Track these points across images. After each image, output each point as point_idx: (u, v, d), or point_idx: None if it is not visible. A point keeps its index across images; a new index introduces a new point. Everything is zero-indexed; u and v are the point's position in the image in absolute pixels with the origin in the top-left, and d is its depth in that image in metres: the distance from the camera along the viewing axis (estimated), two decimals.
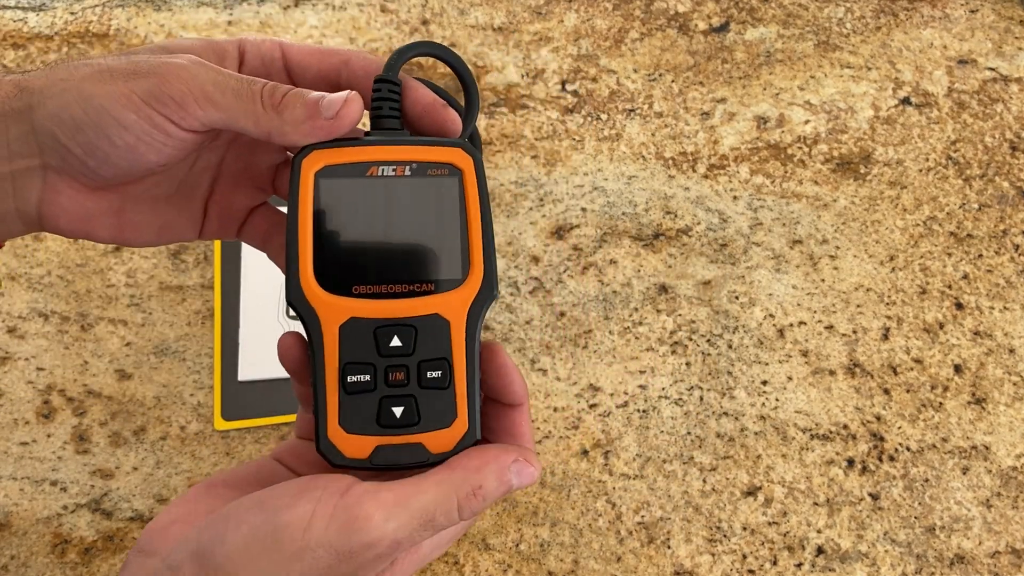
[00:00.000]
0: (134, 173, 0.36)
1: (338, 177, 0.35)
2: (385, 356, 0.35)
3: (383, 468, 0.35)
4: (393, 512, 0.33)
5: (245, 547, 0.33)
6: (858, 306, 0.68)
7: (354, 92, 0.35)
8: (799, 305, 0.68)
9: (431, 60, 0.78)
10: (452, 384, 0.36)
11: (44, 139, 0.34)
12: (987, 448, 0.62)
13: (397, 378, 0.35)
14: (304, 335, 0.36)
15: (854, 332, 0.67)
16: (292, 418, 0.62)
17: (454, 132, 0.37)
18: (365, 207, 0.35)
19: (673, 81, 0.78)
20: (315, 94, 0.35)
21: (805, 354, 0.66)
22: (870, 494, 0.61)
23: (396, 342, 0.35)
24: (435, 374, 0.35)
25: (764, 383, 0.65)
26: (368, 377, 0.35)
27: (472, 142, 0.41)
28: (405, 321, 0.35)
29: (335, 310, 0.34)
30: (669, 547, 0.59)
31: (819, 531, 0.59)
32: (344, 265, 0.35)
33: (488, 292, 0.36)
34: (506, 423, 0.39)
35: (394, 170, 0.35)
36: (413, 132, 0.38)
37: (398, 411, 0.35)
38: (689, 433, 0.63)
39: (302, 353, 0.36)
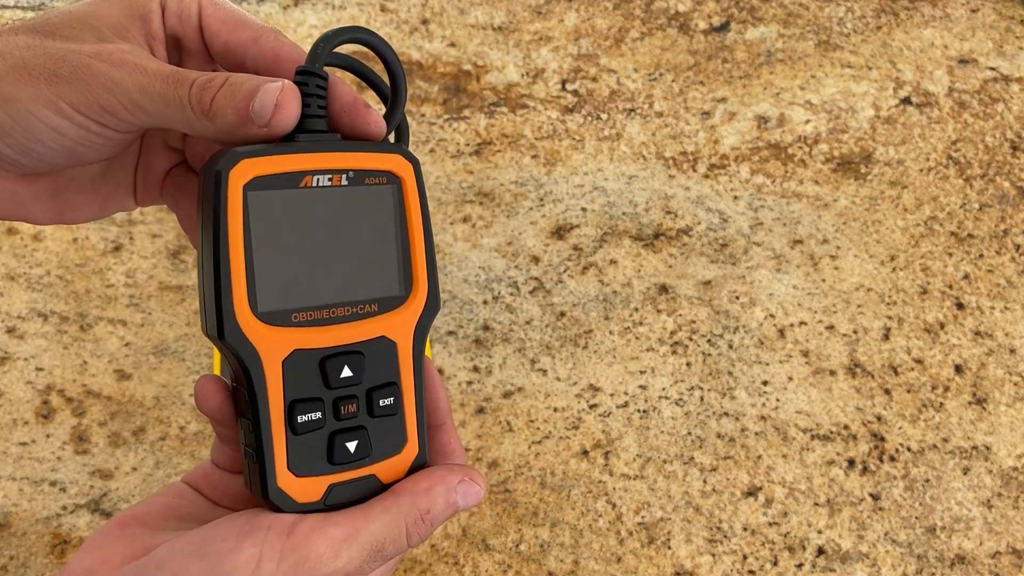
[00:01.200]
0: (72, 164, 0.34)
1: (269, 189, 0.31)
2: (334, 388, 0.32)
3: (337, 508, 0.32)
4: (343, 548, 0.31)
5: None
6: (859, 306, 0.68)
7: (287, 89, 0.31)
8: (800, 305, 0.68)
9: (431, 60, 0.78)
10: (402, 408, 0.33)
11: None
12: (988, 448, 0.62)
13: (349, 411, 0.32)
14: (223, 376, 0.33)
15: (855, 332, 0.67)
16: None
17: (377, 135, 0.33)
18: (300, 223, 0.31)
19: (673, 81, 0.78)
20: (244, 90, 0.31)
21: (806, 354, 0.66)
22: (871, 494, 0.61)
23: (345, 372, 0.32)
24: (386, 401, 0.33)
25: (765, 383, 0.64)
26: (318, 414, 0.32)
27: (399, 137, 0.37)
28: (352, 348, 0.32)
29: (276, 343, 0.31)
30: (669, 547, 0.59)
31: (820, 531, 0.59)
32: (282, 291, 0.31)
33: (433, 307, 0.34)
34: (436, 443, 0.37)
35: (330, 179, 0.32)
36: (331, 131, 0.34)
37: (351, 445, 0.32)
38: (689, 433, 0.63)
39: (225, 398, 0.33)
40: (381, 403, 0.33)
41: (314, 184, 0.32)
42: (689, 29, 0.81)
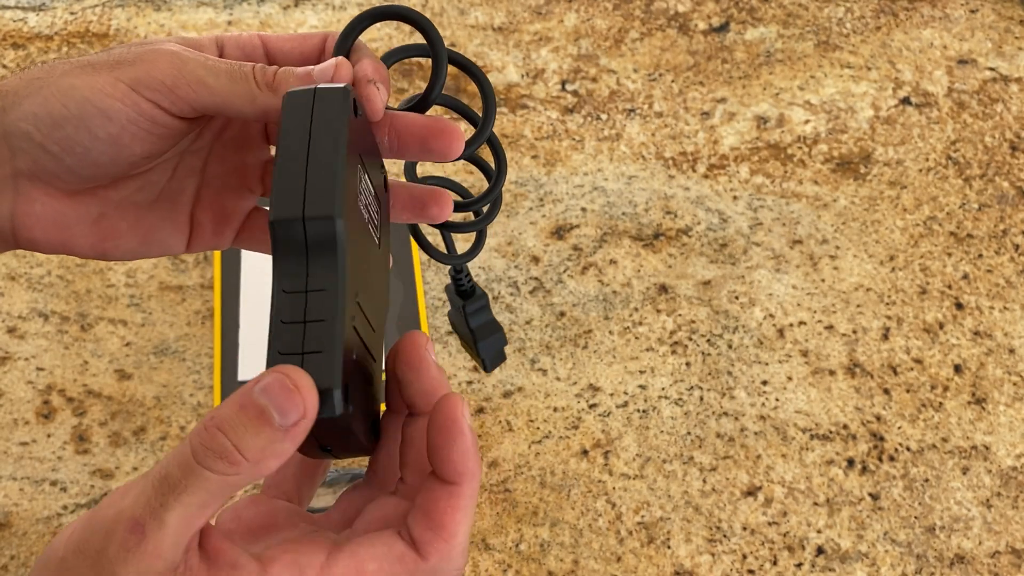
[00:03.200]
0: (115, 169, 0.34)
1: None
2: None
3: None
4: (132, 484, 0.27)
5: None
6: (858, 306, 0.68)
7: (341, 57, 0.33)
8: (799, 305, 0.68)
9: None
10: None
11: (17, 142, 0.33)
12: (987, 448, 0.62)
13: None
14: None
15: (854, 332, 0.67)
16: None
17: (459, 149, 0.34)
18: None
19: (673, 81, 0.78)
20: (304, 68, 0.33)
21: (805, 354, 0.66)
22: (870, 494, 0.61)
23: None
24: None
25: (764, 383, 0.65)
26: None
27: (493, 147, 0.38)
28: None
29: None
30: (669, 547, 0.59)
31: (819, 531, 0.59)
32: None
33: None
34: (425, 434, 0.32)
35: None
36: (413, 157, 0.36)
37: None
38: (689, 433, 0.63)
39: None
40: None
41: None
42: (689, 29, 0.81)
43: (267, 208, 0.36)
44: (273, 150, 0.38)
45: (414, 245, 0.67)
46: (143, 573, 0.25)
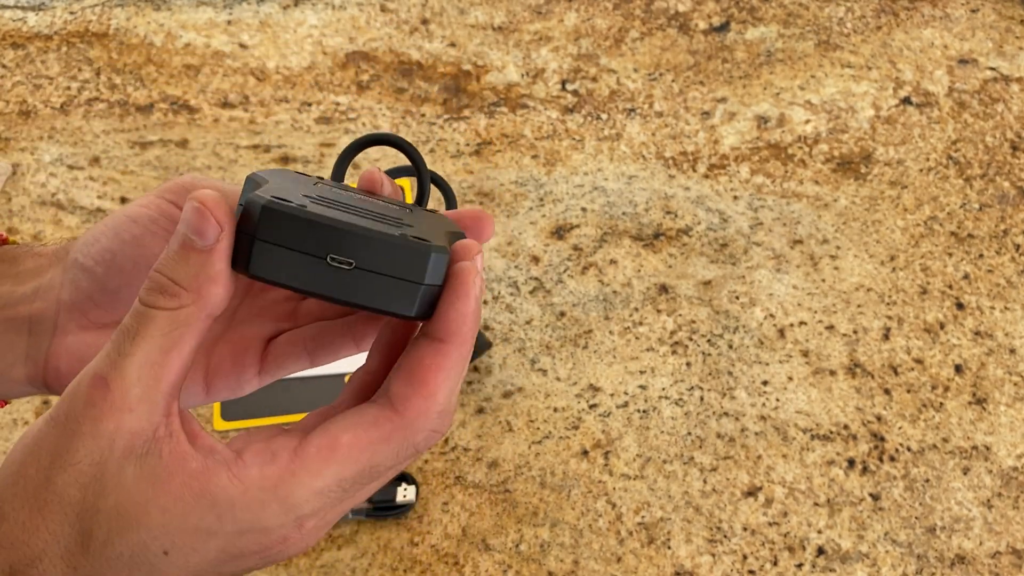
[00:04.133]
0: (139, 273, 0.34)
1: None
2: None
3: None
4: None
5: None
6: (859, 306, 0.68)
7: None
8: (799, 305, 0.68)
9: (431, 60, 0.78)
10: None
11: (68, 271, 0.35)
12: (988, 448, 0.62)
13: None
14: None
15: (855, 332, 0.67)
16: (291, 418, 0.62)
17: (490, 234, 0.34)
18: None
19: (673, 81, 0.78)
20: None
21: (806, 354, 0.66)
22: (871, 494, 0.61)
23: None
24: None
25: (764, 383, 0.64)
26: None
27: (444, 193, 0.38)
28: None
29: None
30: (669, 547, 0.59)
31: (820, 531, 0.59)
32: None
33: None
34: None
35: None
36: None
37: None
38: (689, 433, 0.63)
39: None
40: None
41: None
42: (689, 29, 0.81)
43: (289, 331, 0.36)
44: None
45: None
46: (115, 428, 0.25)
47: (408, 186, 0.52)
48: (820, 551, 0.59)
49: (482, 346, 0.57)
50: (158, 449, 0.25)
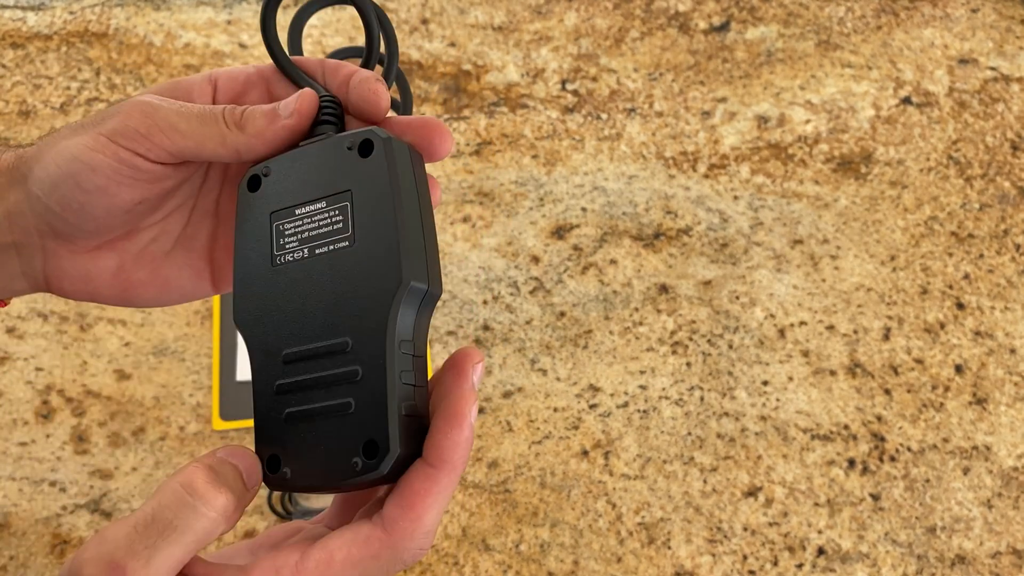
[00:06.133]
0: (114, 219, 0.36)
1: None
2: None
3: None
4: (107, 531, 0.30)
5: None
6: (859, 306, 0.68)
7: (306, 90, 0.35)
8: (800, 305, 0.68)
9: (431, 60, 0.78)
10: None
11: (35, 205, 0.35)
12: (988, 448, 0.62)
13: None
14: None
15: (855, 332, 0.67)
16: None
17: (382, 110, 0.35)
18: None
19: (674, 80, 0.78)
20: (270, 105, 0.35)
21: (806, 354, 0.66)
22: (871, 494, 0.61)
23: None
24: None
25: (765, 383, 0.64)
26: None
27: (404, 110, 0.39)
28: None
29: None
30: (669, 548, 0.59)
31: (820, 532, 0.59)
32: None
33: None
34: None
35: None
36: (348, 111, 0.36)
37: None
38: (689, 433, 0.62)
39: None
40: None
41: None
42: (689, 29, 0.81)
43: None
44: None
45: None
46: None
47: None
48: (820, 551, 0.59)
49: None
50: None
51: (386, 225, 0.31)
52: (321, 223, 0.33)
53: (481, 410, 0.63)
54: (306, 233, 0.33)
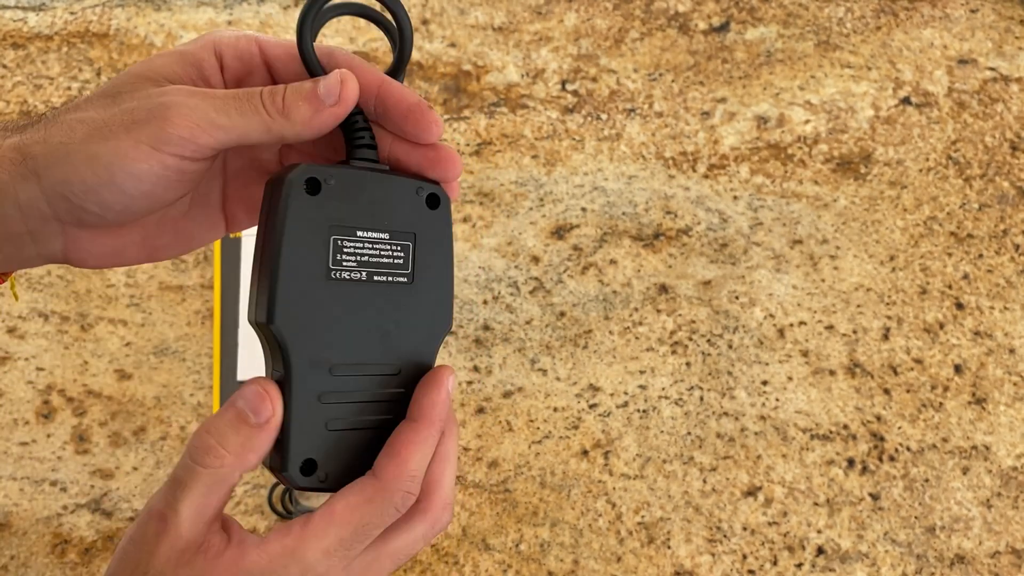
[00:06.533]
0: (154, 211, 0.36)
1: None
2: None
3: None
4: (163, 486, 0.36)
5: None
6: (858, 306, 0.68)
7: (345, 70, 0.35)
8: (799, 305, 0.68)
9: (431, 60, 0.78)
10: None
11: (56, 203, 0.34)
12: (987, 448, 0.62)
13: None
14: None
15: (854, 332, 0.67)
16: None
17: (435, 136, 0.37)
18: None
19: (673, 81, 0.78)
20: (309, 84, 0.35)
21: (805, 354, 0.66)
22: (870, 494, 0.61)
23: None
24: None
25: (764, 383, 0.64)
26: None
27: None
28: None
29: None
30: (669, 547, 0.59)
31: (819, 531, 0.59)
32: None
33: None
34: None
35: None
36: (391, 129, 0.38)
37: None
38: (689, 433, 0.63)
39: None
40: None
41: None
42: (689, 29, 0.81)
43: None
44: None
45: None
46: (171, 549, 0.33)
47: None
48: (820, 551, 0.59)
49: None
50: (203, 554, 0.34)
51: (442, 275, 0.36)
52: (383, 253, 0.35)
53: (481, 410, 0.63)
54: (367, 258, 0.35)
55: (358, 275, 0.35)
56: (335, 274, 0.35)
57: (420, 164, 0.37)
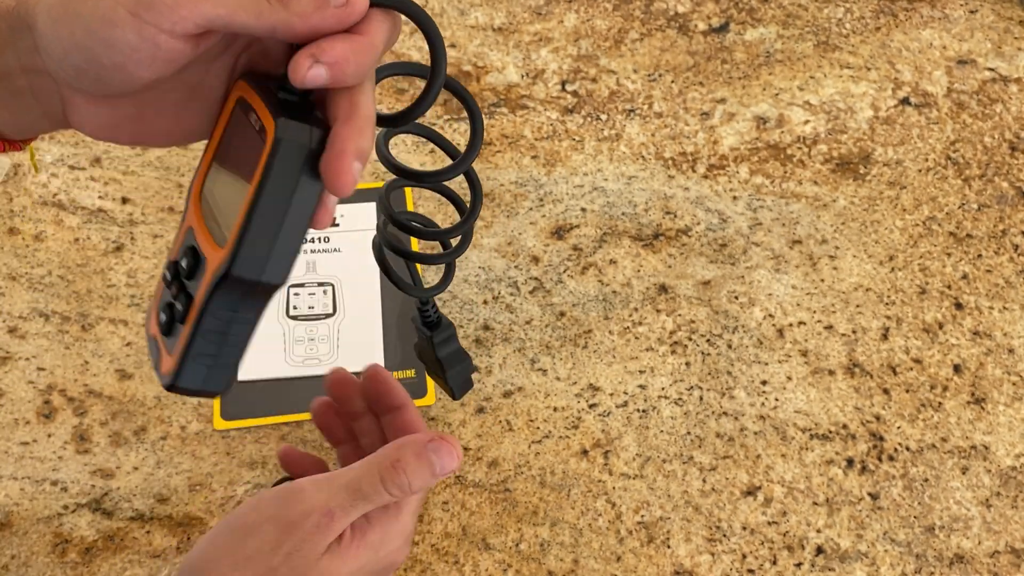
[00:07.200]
0: (130, 90, 0.34)
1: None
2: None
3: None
4: (322, 484, 0.44)
5: (210, 541, 0.44)
6: (857, 306, 0.68)
7: None
8: (798, 305, 0.68)
9: None
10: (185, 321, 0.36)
11: (48, 61, 0.34)
12: (986, 448, 0.63)
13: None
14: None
15: (853, 332, 0.67)
16: (291, 418, 0.62)
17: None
18: None
19: (673, 81, 0.78)
20: None
21: (804, 354, 0.66)
22: (869, 494, 0.61)
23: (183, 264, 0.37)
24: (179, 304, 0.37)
25: (764, 383, 0.65)
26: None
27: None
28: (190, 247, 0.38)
29: None
30: (669, 547, 0.59)
31: (819, 531, 0.59)
32: None
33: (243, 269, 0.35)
34: (399, 422, 0.51)
35: None
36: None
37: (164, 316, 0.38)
38: (689, 433, 0.63)
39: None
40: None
41: None
42: (688, 30, 0.81)
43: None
44: None
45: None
46: (324, 540, 0.43)
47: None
48: (819, 550, 0.59)
49: (467, 384, 0.56)
50: (337, 544, 0.44)
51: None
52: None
53: (481, 409, 0.63)
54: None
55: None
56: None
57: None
